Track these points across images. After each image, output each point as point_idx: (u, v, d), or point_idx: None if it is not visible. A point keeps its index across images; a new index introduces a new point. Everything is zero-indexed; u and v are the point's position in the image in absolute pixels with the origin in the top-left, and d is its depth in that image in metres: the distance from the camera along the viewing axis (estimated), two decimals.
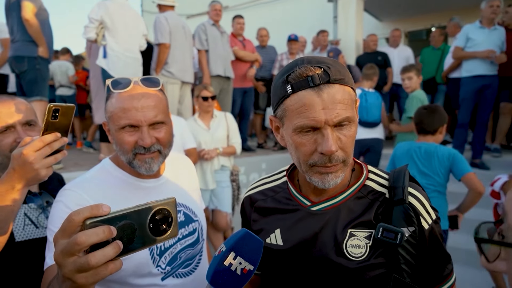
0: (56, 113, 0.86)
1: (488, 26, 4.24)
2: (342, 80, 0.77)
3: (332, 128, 0.77)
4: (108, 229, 0.53)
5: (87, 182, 1.12)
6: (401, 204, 0.83)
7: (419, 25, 8.19)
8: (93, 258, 0.53)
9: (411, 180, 0.90)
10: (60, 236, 0.56)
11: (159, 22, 3.84)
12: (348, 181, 0.90)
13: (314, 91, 0.76)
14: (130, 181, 1.15)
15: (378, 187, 0.90)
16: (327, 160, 0.78)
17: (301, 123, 0.77)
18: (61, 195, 1.07)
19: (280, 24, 8.16)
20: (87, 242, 0.52)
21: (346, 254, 0.83)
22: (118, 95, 1.06)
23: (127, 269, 1.05)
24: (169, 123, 1.13)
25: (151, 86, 1.08)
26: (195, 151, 3.12)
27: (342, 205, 0.87)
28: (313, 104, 0.75)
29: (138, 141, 1.05)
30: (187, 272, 1.18)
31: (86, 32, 3.44)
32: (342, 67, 0.80)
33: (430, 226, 0.84)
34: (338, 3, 6.57)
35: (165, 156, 1.13)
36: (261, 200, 1.00)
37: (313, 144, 0.79)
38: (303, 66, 0.77)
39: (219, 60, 4.48)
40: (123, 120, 1.04)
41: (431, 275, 0.86)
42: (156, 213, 0.59)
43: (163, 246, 1.12)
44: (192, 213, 1.25)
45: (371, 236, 0.83)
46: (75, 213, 0.55)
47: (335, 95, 0.76)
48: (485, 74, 4.22)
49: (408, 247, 0.82)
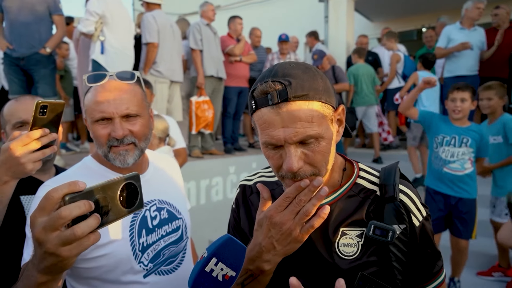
0: (44, 109, 0.88)
1: (468, 27, 4.40)
2: (305, 97, 0.73)
3: (296, 145, 0.75)
4: (88, 203, 0.57)
5: (67, 178, 1.12)
6: (392, 202, 0.83)
7: (410, 26, 8.27)
8: (79, 229, 0.56)
9: (402, 177, 0.90)
10: (39, 214, 0.59)
11: (147, 21, 3.80)
12: (339, 181, 0.90)
13: (273, 109, 0.74)
14: (111, 176, 1.14)
15: (369, 184, 0.89)
16: (292, 175, 0.77)
17: (263, 139, 0.77)
18: (40, 190, 1.07)
19: (271, 24, 8.17)
20: (70, 215, 0.56)
21: (338, 253, 0.83)
22: (93, 89, 1.07)
23: (108, 265, 1.04)
24: (145, 116, 1.13)
25: (126, 80, 1.09)
26: (184, 151, 3.10)
27: (334, 204, 0.86)
28: (272, 122, 0.74)
29: (111, 133, 1.05)
30: (170, 270, 1.17)
31: (86, 25, 3.34)
32: (309, 80, 0.75)
33: (420, 223, 0.84)
34: (329, 3, 6.60)
35: (142, 149, 1.12)
36: (256, 193, 0.99)
37: (279, 158, 0.78)
38: (265, 82, 0.75)
39: (212, 61, 4.46)
40: (96, 113, 1.05)
41: (422, 272, 0.86)
42: (124, 187, 0.65)
43: (145, 242, 1.12)
44: (176, 210, 1.25)
45: (363, 234, 0.83)
46: (53, 190, 0.58)
47: (295, 113, 0.73)
48: (466, 74, 4.36)
49: (399, 244, 0.82)
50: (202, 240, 3.51)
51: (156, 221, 1.16)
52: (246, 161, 4.68)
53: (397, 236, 0.81)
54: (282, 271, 0.87)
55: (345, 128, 0.92)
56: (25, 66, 3.37)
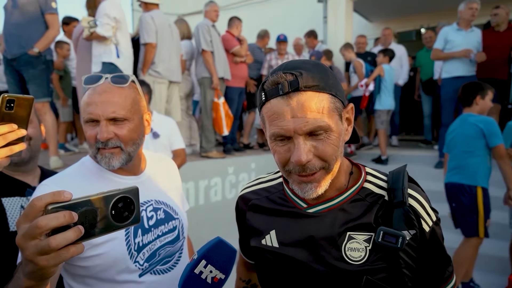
0: (11, 104, 0.83)
1: (465, 28, 4.40)
2: (316, 87, 0.73)
3: (305, 136, 0.74)
4: (69, 214, 0.56)
5: (65, 177, 1.13)
6: (401, 207, 0.80)
7: (409, 26, 8.27)
8: (54, 241, 0.55)
9: (410, 180, 0.87)
10: (23, 221, 0.58)
11: (145, 22, 3.79)
12: (345, 184, 0.88)
13: (283, 99, 0.74)
14: (108, 177, 1.15)
15: (377, 189, 0.86)
16: (301, 169, 0.76)
17: (272, 131, 0.76)
18: (37, 190, 1.08)
19: (270, 24, 8.15)
20: (47, 226, 0.55)
21: (345, 258, 0.81)
22: (87, 91, 1.10)
23: (103, 264, 1.05)
24: (135, 120, 1.12)
25: (118, 83, 1.10)
26: (183, 152, 3.09)
27: (339, 207, 0.84)
28: (282, 112, 0.74)
29: (97, 135, 1.06)
30: (166, 269, 1.18)
31: (107, 30, 3.30)
32: (320, 73, 0.76)
33: (431, 228, 0.82)
34: (328, 4, 6.61)
35: (129, 153, 1.11)
36: (256, 199, 0.98)
37: (287, 152, 0.77)
38: (276, 74, 0.75)
39: (220, 62, 4.44)
40: (85, 114, 1.07)
41: (432, 277, 0.84)
42: (118, 201, 0.62)
43: (141, 242, 1.12)
44: (173, 211, 1.26)
45: (371, 239, 0.81)
46: (37, 199, 0.58)
47: (305, 103, 0.72)
48: (464, 75, 4.37)
49: (409, 250, 0.79)
50: (200, 240, 3.48)
51: (152, 221, 1.17)
52: (244, 162, 4.68)
53: (407, 242, 0.79)
54: (289, 275, 0.87)
55: (353, 132, 0.91)
56: (17, 66, 3.32)
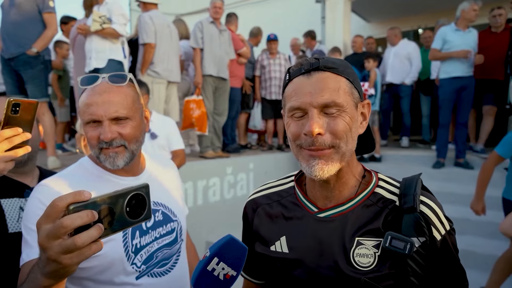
0: (16, 108, 0.85)
1: (463, 29, 4.42)
2: (334, 69, 0.80)
3: (319, 111, 0.78)
4: (91, 213, 0.58)
5: (63, 177, 1.12)
6: (411, 213, 0.79)
7: (406, 26, 8.28)
8: (79, 239, 0.58)
9: (424, 189, 0.86)
10: (44, 221, 0.60)
11: (144, 22, 3.79)
12: (356, 188, 0.87)
13: (304, 77, 0.80)
14: (107, 177, 1.15)
15: (389, 194, 0.85)
16: (311, 142, 0.78)
17: (289, 104, 0.81)
18: (36, 190, 1.08)
19: (268, 24, 8.16)
20: (72, 225, 0.57)
21: (354, 264, 0.80)
22: (85, 91, 1.08)
23: (100, 266, 1.05)
24: (137, 119, 1.12)
25: (117, 82, 1.09)
26: (183, 153, 3.09)
27: (350, 212, 0.84)
28: (302, 87, 0.79)
29: (100, 136, 1.06)
30: (163, 272, 1.18)
31: (125, 29, 3.46)
32: (341, 61, 0.83)
33: (442, 236, 0.80)
34: (326, 4, 6.62)
35: (133, 151, 1.12)
36: (266, 205, 0.97)
37: (301, 127, 0.80)
38: (302, 58, 0.83)
39: (213, 60, 4.40)
40: (86, 115, 1.06)
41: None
42: (132, 198, 0.65)
43: (139, 244, 1.12)
44: (171, 213, 1.25)
45: (380, 245, 0.79)
46: (58, 199, 0.60)
47: (324, 80, 0.78)
48: (462, 75, 4.39)
49: (417, 258, 0.77)
50: (199, 240, 3.51)
51: (150, 223, 1.17)
52: (243, 162, 4.69)
53: (415, 249, 0.77)
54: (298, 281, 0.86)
55: (368, 141, 0.94)
56: (15, 66, 3.30)
